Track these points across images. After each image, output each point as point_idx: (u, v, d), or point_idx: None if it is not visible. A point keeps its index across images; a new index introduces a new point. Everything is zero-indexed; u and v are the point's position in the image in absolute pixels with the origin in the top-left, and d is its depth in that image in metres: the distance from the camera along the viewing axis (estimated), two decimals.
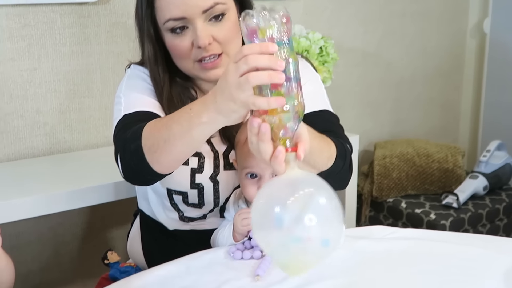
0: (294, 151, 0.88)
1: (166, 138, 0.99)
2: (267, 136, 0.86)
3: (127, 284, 1.04)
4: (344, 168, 1.14)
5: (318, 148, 1.02)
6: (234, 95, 0.85)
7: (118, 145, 1.12)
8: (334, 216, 0.88)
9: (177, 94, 1.24)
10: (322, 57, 2.11)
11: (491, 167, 2.49)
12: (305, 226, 0.85)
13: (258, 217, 0.88)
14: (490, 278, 1.04)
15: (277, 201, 0.86)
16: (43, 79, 1.85)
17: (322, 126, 1.16)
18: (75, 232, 2.00)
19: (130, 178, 1.12)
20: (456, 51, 2.96)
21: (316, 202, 0.87)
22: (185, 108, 0.98)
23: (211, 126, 0.94)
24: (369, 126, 2.73)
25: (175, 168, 1.09)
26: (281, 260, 0.90)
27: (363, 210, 2.54)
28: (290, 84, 0.85)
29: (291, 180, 0.88)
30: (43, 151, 1.89)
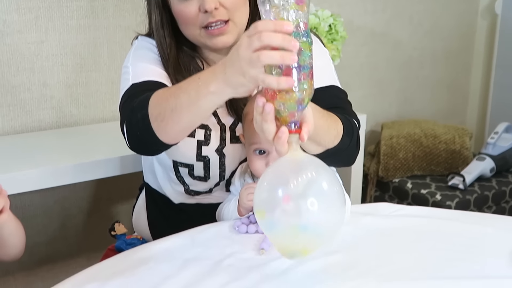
0: (298, 133, 0.88)
1: (173, 107, 0.98)
2: (271, 116, 0.86)
3: (132, 255, 1.04)
4: (351, 145, 1.13)
5: (324, 127, 1.02)
6: (244, 69, 0.85)
7: (125, 114, 1.11)
8: (335, 201, 0.88)
9: (184, 63, 1.23)
10: (331, 35, 2.09)
11: (498, 149, 2.48)
12: (306, 211, 0.85)
13: (260, 199, 0.89)
14: (496, 257, 1.04)
15: (279, 185, 0.86)
16: (50, 52, 1.84)
17: (330, 101, 1.15)
18: (81, 205, 2.01)
19: (136, 147, 1.12)
20: (466, 31, 2.93)
21: (318, 186, 0.87)
22: (194, 78, 0.98)
23: (219, 97, 0.93)
24: (377, 106, 2.72)
25: (181, 138, 1.08)
26: (279, 243, 0.91)
27: (369, 190, 2.54)
28: (302, 66, 0.85)
29: (294, 163, 0.88)
30: (49, 125, 1.89)
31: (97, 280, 0.94)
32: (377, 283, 0.94)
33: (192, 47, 1.26)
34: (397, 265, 1.00)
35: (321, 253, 1.03)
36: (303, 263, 0.99)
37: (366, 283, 0.94)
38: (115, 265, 1.00)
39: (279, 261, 1.00)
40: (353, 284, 0.93)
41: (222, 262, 1.00)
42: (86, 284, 0.93)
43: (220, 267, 0.98)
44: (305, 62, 0.85)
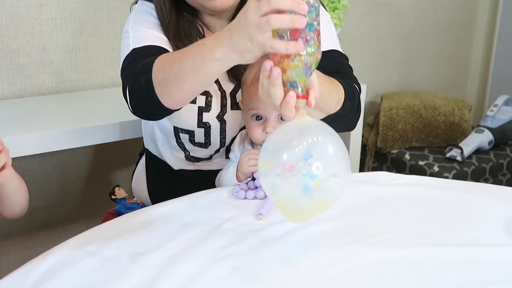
0: (305, 98, 0.88)
1: (177, 72, 0.98)
2: (279, 80, 0.86)
3: (131, 218, 1.05)
4: (352, 109, 1.13)
5: (327, 93, 1.02)
6: (252, 35, 0.84)
7: (127, 78, 1.11)
8: (341, 165, 0.88)
9: (184, 29, 1.22)
10: (332, 4, 2.07)
11: (497, 122, 2.49)
12: (312, 174, 0.85)
13: (264, 163, 0.88)
14: (493, 225, 1.05)
15: (285, 148, 0.86)
16: (50, 16, 1.83)
17: (331, 66, 1.14)
18: (80, 171, 2.02)
19: (138, 112, 1.12)
20: (468, 3, 2.90)
21: (325, 150, 0.87)
22: (198, 43, 0.97)
23: (224, 63, 0.93)
24: (377, 77, 2.71)
25: (185, 104, 1.08)
26: (284, 206, 0.91)
27: (367, 161, 2.55)
28: (310, 31, 0.84)
29: (301, 127, 0.88)
30: (49, 90, 1.88)
31: (97, 242, 0.95)
32: (373, 249, 0.95)
33: (192, 13, 1.25)
34: (393, 232, 1.01)
35: (318, 219, 1.04)
36: (300, 229, 1.01)
37: (362, 249, 0.95)
38: (115, 227, 1.01)
39: (277, 226, 1.01)
40: (349, 250, 0.95)
41: (221, 227, 1.01)
42: (86, 245, 0.94)
43: (218, 232, 0.99)
44: (312, 26, 0.85)
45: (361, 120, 2.25)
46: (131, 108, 1.11)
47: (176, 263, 0.89)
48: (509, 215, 1.09)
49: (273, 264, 0.90)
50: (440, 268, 0.91)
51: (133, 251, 0.92)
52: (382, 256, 0.93)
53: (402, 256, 0.94)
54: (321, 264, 0.91)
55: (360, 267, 0.91)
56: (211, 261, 0.90)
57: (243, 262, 0.90)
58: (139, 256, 0.90)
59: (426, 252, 0.95)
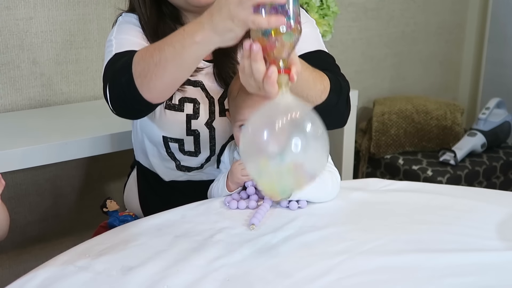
0: (287, 73, 0.87)
1: (157, 61, 0.97)
2: (259, 55, 0.86)
3: (122, 231, 1.04)
4: (339, 103, 1.12)
5: (310, 80, 1.01)
6: (233, 12, 0.84)
7: (107, 76, 1.10)
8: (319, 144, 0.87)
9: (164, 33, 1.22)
10: (322, 10, 2.07)
11: (489, 125, 2.49)
12: (291, 152, 0.84)
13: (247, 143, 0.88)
14: (485, 230, 1.05)
15: (265, 127, 0.85)
16: (39, 29, 1.82)
17: (318, 65, 1.14)
18: (73, 184, 2.01)
19: (118, 109, 1.10)
20: (458, 7, 2.92)
21: (303, 128, 0.86)
22: (179, 30, 0.96)
23: (204, 47, 0.92)
24: (369, 83, 2.71)
25: (166, 96, 1.07)
26: (266, 183, 0.89)
27: (360, 166, 2.55)
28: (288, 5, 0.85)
29: (281, 106, 0.86)
30: (40, 103, 1.88)
31: (88, 256, 0.94)
32: (366, 257, 0.95)
33: (176, 17, 1.25)
34: (385, 239, 1.01)
35: (309, 228, 1.04)
36: (292, 238, 1.00)
37: (355, 257, 0.95)
38: (106, 241, 1.00)
39: (269, 236, 1.01)
40: (341, 258, 0.94)
41: (213, 238, 1.00)
42: (77, 260, 0.93)
43: (210, 243, 0.99)
44: (294, 1, 0.85)
45: (354, 125, 2.26)
46: (111, 105, 1.10)
47: (168, 276, 0.89)
48: (501, 219, 1.09)
49: (265, 275, 0.90)
50: (433, 274, 0.91)
51: (124, 264, 0.92)
52: (375, 264, 0.93)
53: (395, 263, 0.94)
54: (314, 273, 0.90)
55: (353, 275, 0.90)
56: (203, 273, 0.90)
57: (235, 273, 0.90)
58: (130, 270, 0.90)
59: (419, 258, 0.95)
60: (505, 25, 2.78)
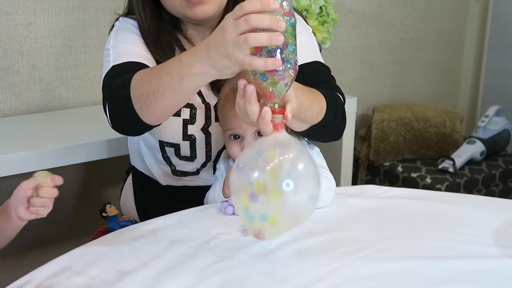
0: (282, 113, 0.88)
1: (155, 89, 0.97)
2: (253, 97, 0.87)
3: (118, 236, 1.04)
4: (336, 119, 1.13)
5: (307, 103, 1.02)
6: (230, 53, 0.84)
7: (106, 94, 1.11)
8: (311, 181, 0.88)
9: (164, 39, 1.23)
10: (321, 17, 2.08)
11: (489, 133, 2.49)
12: (282, 192, 0.85)
13: (237, 180, 0.88)
14: (482, 237, 1.05)
15: (256, 166, 0.86)
16: (39, 34, 1.83)
17: (314, 77, 1.15)
18: (71, 189, 2.01)
19: (119, 127, 1.11)
20: (458, 15, 2.92)
21: (294, 168, 0.87)
22: (174, 59, 0.97)
23: (202, 79, 0.93)
24: (368, 90, 2.71)
25: (165, 119, 1.08)
26: (254, 226, 0.90)
27: (360, 173, 2.55)
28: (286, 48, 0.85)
29: (274, 144, 0.88)
30: (39, 108, 1.88)
31: (83, 261, 0.94)
32: (362, 263, 0.95)
33: (174, 25, 1.26)
34: (382, 246, 1.01)
35: (305, 234, 1.04)
36: (288, 244, 1.00)
37: (351, 263, 0.95)
38: (102, 245, 1.00)
39: (265, 242, 1.00)
40: (337, 264, 0.94)
41: (208, 243, 1.00)
42: (72, 264, 0.93)
43: (206, 248, 0.98)
44: (289, 42, 0.85)
45: (353, 133, 2.26)
46: (112, 124, 1.11)
47: (163, 281, 0.89)
48: (497, 226, 1.09)
49: (261, 280, 0.90)
50: (429, 280, 0.91)
51: (119, 269, 0.92)
52: (371, 270, 0.93)
53: (391, 270, 0.93)
54: (310, 279, 0.90)
55: (349, 281, 0.90)
56: (198, 278, 0.89)
57: (230, 279, 0.90)
58: (125, 275, 0.90)
59: (415, 265, 0.95)
60: (505, 33, 2.79)
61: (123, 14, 1.29)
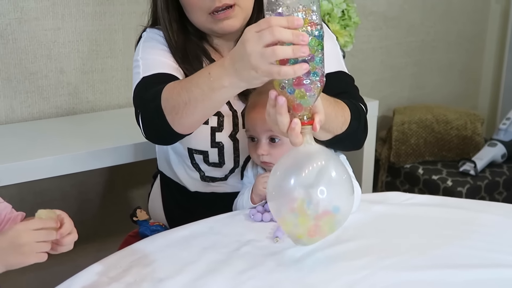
0: (311, 124, 0.92)
1: (186, 101, 1.01)
2: (284, 108, 0.90)
3: (151, 243, 1.07)
4: (359, 129, 1.16)
5: (332, 114, 1.05)
6: (255, 64, 0.87)
7: (139, 105, 1.15)
8: (344, 189, 0.94)
9: (191, 51, 1.26)
10: (344, 21, 2.09)
11: (510, 135, 2.49)
12: (317, 199, 0.91)
13: (274, 188, 0.94)
14: (505, 245, 1.06)
15: (292, 174, 0.91)
16: (67, 39, 1.87)
17: (338, 87, 1.17)
18: (97, 190, 2.05)
19: (152, 137, 1.15)
20: (479, 16, 2.92)
21: (328, 176, 0.92)
22: (203, 72, 1.00)
23: (232, 90, 0.96)
24: (389, 91, 2.72)
25: (196, 128, 1.11)
26: (292, 231, 0.96)
27: (380, 175, 2.56)
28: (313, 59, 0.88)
29: (306, 154, 0.92)
30: (66, 111, 1.92)
31: (120, 267, 0.97)
32: (388, 272, 0.97)
33: (200, 36, 1.29)
34: (408, 254, 1.03)
35: (333, 241, 1.06)
36: (316, 252, 1.02)
37: (378, 272, 0.97)
38: (136, 252, 1.03)
39: (294, 249, 1.03)
40: (365, 273, 0.96)
41: (239, 250, 1.03)
42: (109, 271, 0.97)
43: (237, 255, 1.01)
44: (316, 54, 0.88)
45: (374, 135, 2.27)
46: (145, 134, 1.15)
47: (197, 287, 0.91)
48: None
49: None
50: None
51: (154, 276, 0.95)
52: (397, 279, 0.95)
53: (417, 278, 0.96)
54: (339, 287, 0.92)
55: None
56: (231, 285, 0.92)
57: (262, 286, 0.92)
58: (161, 282, 0.93)
59: (440, 274, 0.97)
60: None
61: (149, 25, 1.32)
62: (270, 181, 0.95)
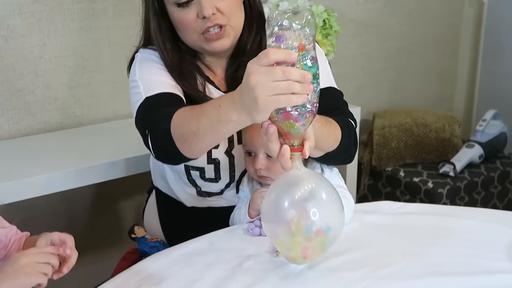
0: (300, 151, 0.97)
1: (195, 130, 1.05)
2: (274, 136, 0.95)
3: (155, 261, 1.10)
4: (349, 146, 1.22)
5: (324, 134, 1.11)
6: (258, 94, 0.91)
7: (147, 126, 1.17)
8: (335, 209, 0.99)
9: (186, 69, 1.29)
10: (325, 30, 2.14)
11: (486, 136, 2.56)
12: (310, 220, 0.96)
13: (268, 211, 0.99)
14: (495, 251, 1.11)
15: (284, 198, 0.96)
16: (53, 55, 1.87)
17: (329, 103, 1.22)
18: (86, 204, 2.06)
19: (161, 158, 1.19)
20: (453, 20, 2.99)
21: (319, 197, 0.97)
22: (213, 103, 1.04)
23: (239, 125, 1.01)
24: (369, 96, 2.78)
25: (204, 153, 1.16)
26: (288, 251, 1.00)
27: (362, 178, 2.61)
28: None
29: (296, 179, 0.98)
30: (54, 126, 1.93)
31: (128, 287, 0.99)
32: (388, 282, 1.01)
33: (193, 54, 1.32)
34: (404, 263, 1.07)
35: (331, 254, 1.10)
36: (316, 264, 1.06)
37: (378, 282, 1.01)
38: (142, 272, 1.05)
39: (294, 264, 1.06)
40: (365, 284, 1.01)
41: (241, 266, 1.06)
42: None
43: (240, 271, 1.04)
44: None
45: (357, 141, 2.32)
46: (155, 156, 1.18)
47: None
48: (510, 240, 1.15)
49: None
50: None
51: None
52: None
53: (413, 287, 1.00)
54: None
55: None
56: None
57: None
58: None
59: (436, 282, 1.02)
60: (500, 35, 2.85)
61: (141, 46, 1.34)
62: (264, 204, 1.01)
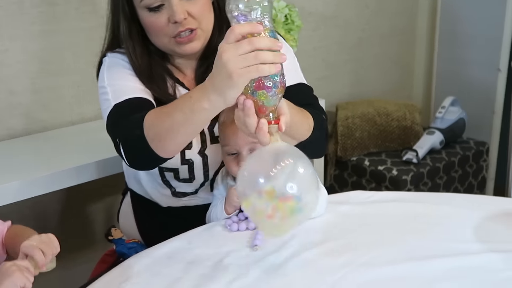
0: (277, 124, 0.99)
1: (168, 127, 1.05)
2: (252, 110, 0.97)
3: (135, 262, 1.10)
4: (321, 137, 1.24)
5: (298, 122, 1.12)
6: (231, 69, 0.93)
7: (118, 135, 1.17)
8: (311, 183, 0.99)
9: (156, 71, 1.30)
10: (287, 25, 2.17)
11: (446, 122, 2.64)
12: (286, 193, 0.95)
13: (244, 186, 0.98)
14: (463, 234, 1.16)
15: (261, 172, 0.96)
16: (15, 60, 1.85)
17: (302, 99, 1.25)
18: (56, 207, 2.04)
19: (135, 165, 1.18)
20: (409, 10, 3.06)
21: (296, 171, 0.98)
22: (185, 97, 1.05)
23: (212, 110, 1.01)
24: (331, 88, 2.82)
25: (178, 152, 1.16)
26: (265, 224, 1.00)
27: (328, 169, 2.66)
28: None
29: (274, 152, 0.98)
30: (19, 132, 1.90)
31: None
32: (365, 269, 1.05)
33: (162, 56, 1.32)
34: (379, 250, 1.11)
35: (308, 244, 1.13)
36: (295, 256, 1.09)
37: (356, 270, 1.04)
38: (123, 274, 1.06)
39: (274, 255, 1.10)
40: (343, 272, 1.04)
41: (222, 262, 1.08)
42: None
43: (221, 267, 1.06)
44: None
45: None
46: (129, 163, 1.18)
47: None
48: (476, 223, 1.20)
49: None
50: (427, 280, 1.01)
51: None
52: (373, 275, 1.03)
53: (391, 273, 1.04)
54: None
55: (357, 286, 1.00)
56: None
57: None
58: None
59: (411, 266, 1.05)
60: (455, 23, 2.92)
61: (107, 48, 1.34)
62: (239, 180, 0.99)
